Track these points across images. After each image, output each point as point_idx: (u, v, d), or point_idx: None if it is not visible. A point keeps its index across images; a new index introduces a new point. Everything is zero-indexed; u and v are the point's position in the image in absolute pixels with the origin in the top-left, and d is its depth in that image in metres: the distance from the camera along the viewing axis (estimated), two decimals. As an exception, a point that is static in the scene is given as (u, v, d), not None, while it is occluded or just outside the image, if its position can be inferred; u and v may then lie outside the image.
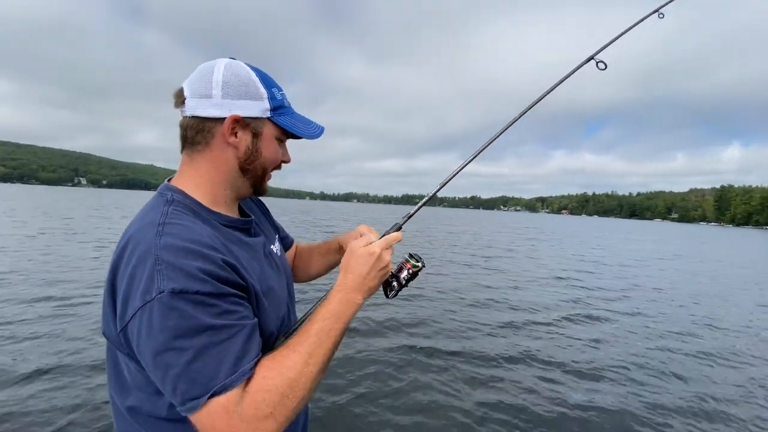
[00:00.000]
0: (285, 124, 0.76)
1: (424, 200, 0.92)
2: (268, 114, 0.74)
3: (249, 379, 0.61)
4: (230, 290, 0.63)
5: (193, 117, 0.72)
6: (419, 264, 0.85)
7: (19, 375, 3.17)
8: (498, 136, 1.02)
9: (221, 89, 0.70)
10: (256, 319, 0.67)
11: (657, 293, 8.23)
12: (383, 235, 0.84)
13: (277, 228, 1.05)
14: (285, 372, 0.61)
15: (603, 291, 8.14)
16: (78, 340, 3.93)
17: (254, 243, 0.80)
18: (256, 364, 0.62)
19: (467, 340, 4.68)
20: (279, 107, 0.76)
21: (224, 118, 0.71)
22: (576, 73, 1.07)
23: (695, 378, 3.93)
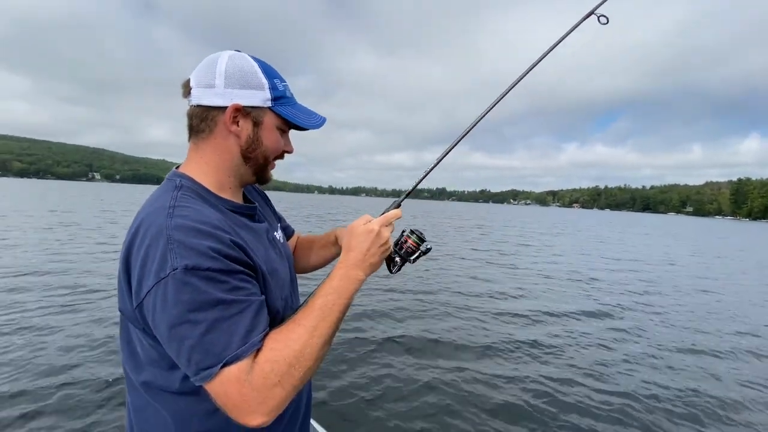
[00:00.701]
0: (285, 114, 0.78)
1: (421, 178, 0.98)
2: (268, 104, 0.76)
3: (258, 351, 0.64)
4: (239, 268, 0.66)
5: (198, 106, 0.75)
6: (421, 241, 0.87)
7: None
8: (497, 102, 1.05)
9: (224, 79, 0.73)
10: (263, 297, 0.70)
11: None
12: (382, 213, 0.88)
13: (279, 218, 1.08)
14: (291, 344, 0.65)
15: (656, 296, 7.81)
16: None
17: (258, 228, 0.83)
18: (264, 337, 0.66)
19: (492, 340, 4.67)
20: (280, 98, 0.78)
21: (226, 107, 0.74)
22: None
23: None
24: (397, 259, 0.86)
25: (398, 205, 0.91)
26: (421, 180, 0.98)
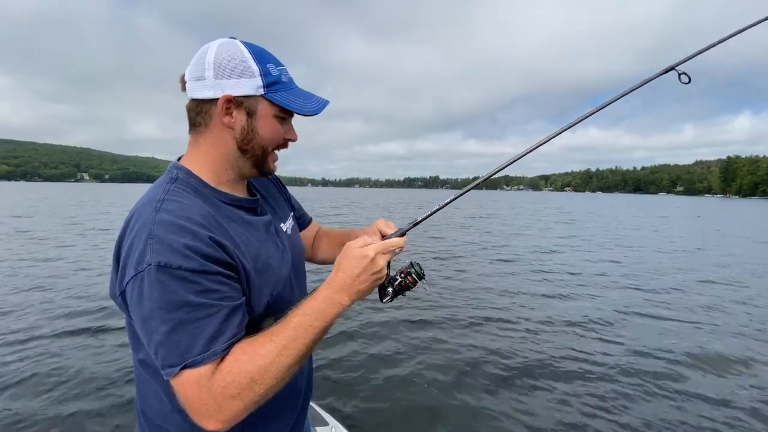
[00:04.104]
0: (279, 100, 0.74)
1: (435, 210, 0.91)
2: (261, 91, 0.73)
3: (224, 358, 0.64)
4: (215, 268, 0.65)
5: (193, 99, 0.74)
6: (420, 279, 0.81)
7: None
8: (550, 139, 0.97)
9: (213, 70, 0.71)
10: (241, 300, 0.69)
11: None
12: (386, 238, 0.83)
13: (293, 206, 1.06)
14: (257, 359, 0.64)
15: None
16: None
17: (256, 221, 0.82)
18: (232, 345, 0.65)
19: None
20: (274, 83, 0.74)
21: (218, 99, 0.72)
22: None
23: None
24: (390, 290, 0.81)
25: (403, 234, 0.84)
26: (434, 212, 0.90)
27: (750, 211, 39.04)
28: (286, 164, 0.89)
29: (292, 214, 1.01)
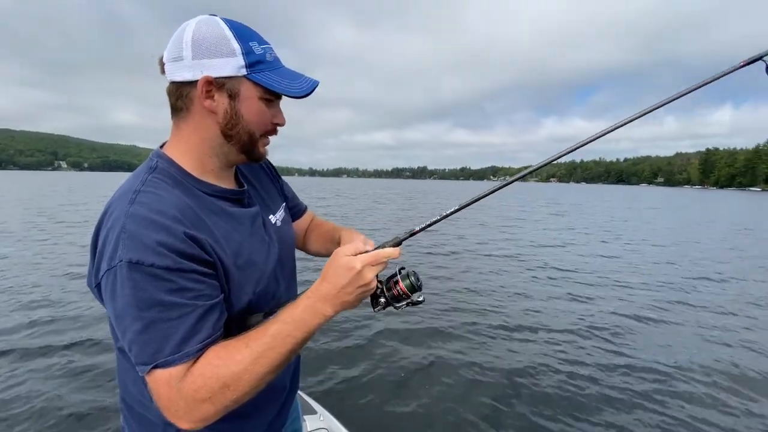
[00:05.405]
0: (263, 81, 0.69)
1: (433, 221, 0.80)
2: (244, 71, 0.68)
3: (198, 359, 0.62)
4: (190, 265, 0.62)
5: (172, 82, 0.70)
6: (414, 290, 0.74)
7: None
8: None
9: (191, 50, 0.66)
10: (218, 298, 0.66)
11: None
12: (379, 247, 0.74)
13: (286, 196, 1.02)
14: (231, 365, 0.62)
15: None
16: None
17: (241, 214, 0.77)
18: (207, 345, 0.63)
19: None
20: (257, 62, 0.69)
21: (198, 81, 0.67)
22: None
23: None
24: (382, 300, 0.75)
25: (398, 243, 0.76)
26: (432, 224, 0.80)
27: (734, 202, 40.07)
28: (273, 153, 0.86)
29: (284, 204, 0.97)
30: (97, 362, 3.25)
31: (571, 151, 0.84)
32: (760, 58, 0.87)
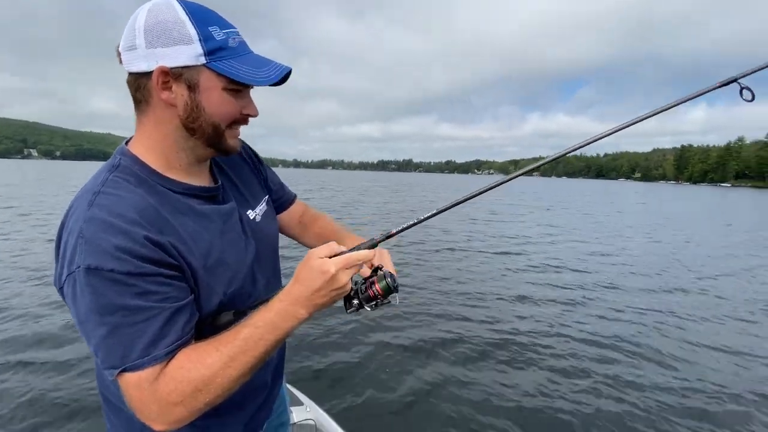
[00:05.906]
0: (223, 69, 0.63)
1: (414, 222, 0.77)
2: (202, 60, 0.62)
3: (169, 362, 0.62)
4: (153, 269, 0.60)
5: (130, 73, 0.65)
6: (389, 292, 0.72)
7: None
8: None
9: (144, 37, 0.61)
10: (187, 299, 0.64)
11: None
12: (353, 249, 0.71)
13: (270, 188, 0.98)
14: (202, 369, 0.61)
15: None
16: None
17: (212, 211, 0.73)
18: (178, 347, 0.62)
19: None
20: (218, 49, 0.63)
21: (153, 72, 0.62)
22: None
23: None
24: (356, 302, 0.73)
25: (374, 245, 0.73)
26: (409, 227, 0.77)
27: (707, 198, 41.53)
28: (255, 143, 0.83)
29: (266, 198, 0.92)
30: (82, 355, 3.16)
31: (574, 150, 0.85)
32: (735, 80, 0.87)
